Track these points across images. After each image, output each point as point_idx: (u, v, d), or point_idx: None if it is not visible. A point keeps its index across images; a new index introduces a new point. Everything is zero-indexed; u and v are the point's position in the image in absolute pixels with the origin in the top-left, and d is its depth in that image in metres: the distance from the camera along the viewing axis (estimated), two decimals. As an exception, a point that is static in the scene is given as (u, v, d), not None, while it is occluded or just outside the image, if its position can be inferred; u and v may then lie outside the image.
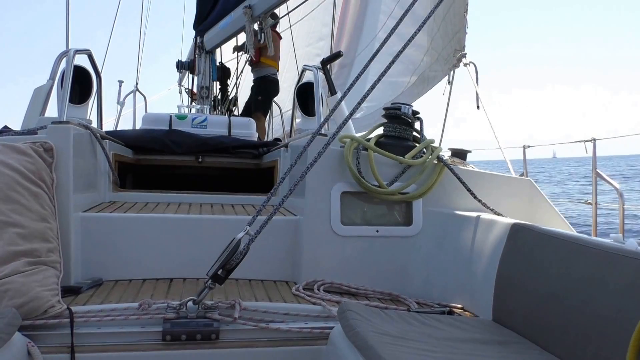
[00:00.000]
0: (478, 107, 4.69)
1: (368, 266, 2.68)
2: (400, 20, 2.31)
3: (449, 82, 5.28)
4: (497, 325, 2.02)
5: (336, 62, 6.40)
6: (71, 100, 2.96)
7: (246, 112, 6.34)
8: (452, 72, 5.24)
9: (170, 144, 4.10)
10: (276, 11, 5.57)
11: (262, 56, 6.03)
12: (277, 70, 6.39)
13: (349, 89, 2.35)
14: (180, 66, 6.80)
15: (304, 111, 3.93)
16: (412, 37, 2.28)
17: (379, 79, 2.27)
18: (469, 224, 2.52)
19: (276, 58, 6.27)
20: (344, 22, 6.89)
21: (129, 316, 1.98)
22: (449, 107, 5.47)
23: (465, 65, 5.01)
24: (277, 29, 6.55)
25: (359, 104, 2.31)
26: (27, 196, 2.18)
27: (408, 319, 1.96)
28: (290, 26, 7.03)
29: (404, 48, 2.28)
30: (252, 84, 6.43)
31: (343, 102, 2.83)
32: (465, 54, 4.99)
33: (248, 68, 6.51)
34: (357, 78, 2.34)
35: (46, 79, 3.18)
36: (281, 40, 6.59)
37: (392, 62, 2.28)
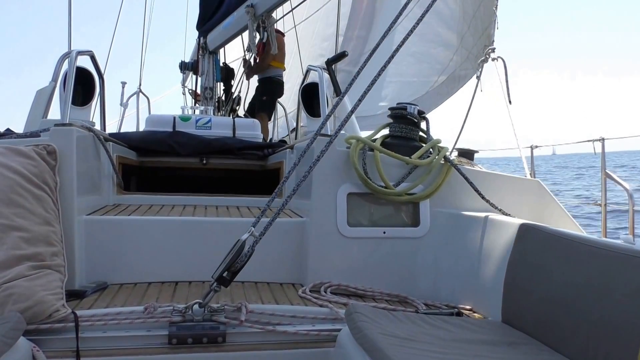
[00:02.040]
0: (510, 102, 4.61)
1: (375, 268, 2.65)
2: (400, 13, 2.28)
3: (477, 77, 5.20)
4: (506, 327, 2.00)
5: (349, 64, 6.33)
6: (74, 102, 2.95)
7: (250, 111, 6.32)
8: (480, 68, 5.18)
9: (174, 146, 4.08)
10: (279, 10, 5.54)
11: (266, 55, 5.99)
12: (284, 71, 6.37)
13: (348, 87, 2.32)
14: (184, 67, 6.76)
15: (309, 112, 3.90)
16: (413, 29, 2.25)
17: (377, 77, 2.23)
18: (476, 224, 2.49)
19: (282, 58, 6.25)
20: (354, 22, 6.82)
21: (135, 320, 1.96)
22: (473, 103, 5.37)
23: (493, 60, 4.93)
24: (282, 29, 6.52)
25: (360, 101, 2.27)
26: (30, 199, 2.17)
27: (416, 320, 1.94)
28: (295, 26, 7.00)
29: (403, 42, 2.24)
30: (257, 83, 6.41)
31: (348, 103, 2.80)
32: (494, 48, 4.90)
33: None
34: (355, 76, 2.30)
35: (48, 80, 3.17)
36: (286, 40, 6.56)
37: (391, 58, 2.25)
